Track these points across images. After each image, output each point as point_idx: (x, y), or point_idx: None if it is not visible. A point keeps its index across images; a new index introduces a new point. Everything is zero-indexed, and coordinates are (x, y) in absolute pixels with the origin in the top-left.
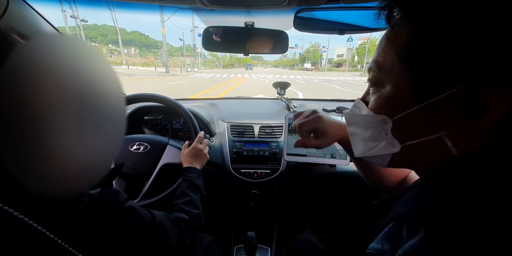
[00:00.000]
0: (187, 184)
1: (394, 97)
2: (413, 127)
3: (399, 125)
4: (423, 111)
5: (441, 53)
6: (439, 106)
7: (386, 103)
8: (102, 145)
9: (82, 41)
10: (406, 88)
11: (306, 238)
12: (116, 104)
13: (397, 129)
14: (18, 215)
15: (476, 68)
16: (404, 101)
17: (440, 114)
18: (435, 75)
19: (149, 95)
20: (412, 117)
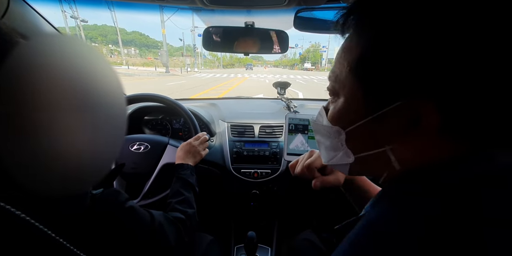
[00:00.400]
0: (181, 183)
1: (346, 109)
2: (364, 139)
3: (351, 137)
4: (371, 124)
5: (384, 67)
6: (385, 120)
7: (340, 115)
8: (103, 145)
9: (82, 41)
10: (356, 100)
11: (307, 238)
12: (116, 104)
13: (350, 141)
14: (20, 214)
15: (411, 83)
16: (355, 114)
17: (386, 128)
18: (381, 89)
19: (149, 95)
20: (362, 129)
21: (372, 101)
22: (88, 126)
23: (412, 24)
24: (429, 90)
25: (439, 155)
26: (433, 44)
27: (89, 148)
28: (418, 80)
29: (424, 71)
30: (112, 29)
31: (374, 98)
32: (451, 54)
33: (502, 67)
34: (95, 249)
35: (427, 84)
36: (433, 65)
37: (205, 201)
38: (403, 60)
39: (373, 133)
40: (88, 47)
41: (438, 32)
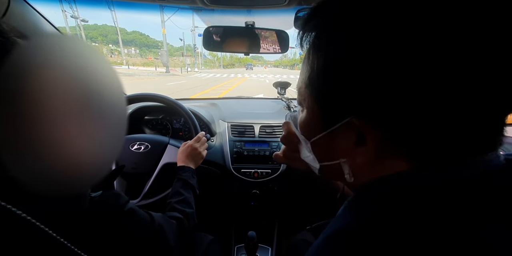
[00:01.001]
0: (181, 184)
1: (308, 121)
2: (324, 151)
3: (315, 147)
4: (328, 138)
5: (329, 86)
6: (338, 135)
7: (304, 126)
8: (103, 145)
9: (83, 41)
10: (315, 114)
11: (304, 238)
12: (117, 104)
13: (314, 150)
14: (21, 214)
15: (352, 102)
16: (315, 126)
17: (339, 142)
18: (330, 106)
19: (149, 95)
20: (322, 142)
21: (326, 116)
22: (88, 126)
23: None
24: (367, 110)
25: (386, 171)
26: (368, 72)
27: (89, 148)
28: (357, 100)
29: (361, 93)
30: (112, 29)
31: (327, 114)
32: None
33: (430, 96)
34: (95, 250)
35: (365, 104)
36: (368, 88)
37: (205, 201)
38: (343, 81)
39: (330, 146)
40: (89, 47)
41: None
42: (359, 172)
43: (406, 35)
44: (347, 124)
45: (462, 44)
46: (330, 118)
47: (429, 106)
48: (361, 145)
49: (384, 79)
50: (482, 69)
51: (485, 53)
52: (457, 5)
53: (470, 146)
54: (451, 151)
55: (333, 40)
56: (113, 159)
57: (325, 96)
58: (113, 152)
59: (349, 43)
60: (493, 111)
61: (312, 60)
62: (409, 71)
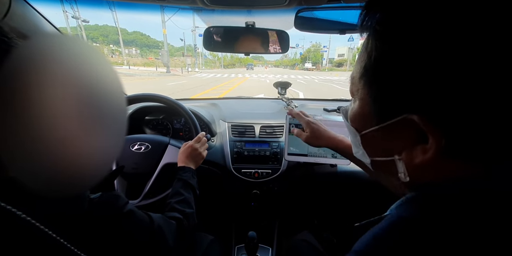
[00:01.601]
0: (181, 184)
1: (359, 113)
2: (375, 145)
3: (365, 141)
4: (381, 132)
5: (389, 78)
6: (393, 130)
7: (355, 117)
8: (103, 145)
9: (83, 41)
10: (367, 106)
11: (304, 238)
12: (117, 104)
13: (365, 144)
14: (21, 215)
15: (416, 98)
16: (368, 119)
17: (394, 138)
18: (387, 99)
19: (150, 95)
20: (374, 135)
21: (380, 109)
22: (88, 126)
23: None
24: (430, 107)
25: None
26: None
27: (89, 148)
28: (420, 96)
29: (426, 89)
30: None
31: (382, 107)
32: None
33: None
34: (94, 251)
35: (428, 101)
36: (434, 85)
37: (206, 201)
38: (404, 75)
39: (383, 141)
40: (89, 47)
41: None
42: (416, 172)
43: (493, 31)
44: (404, 120)
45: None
46: (384, 112)
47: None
48: (421, 143)
49: (455, 76)
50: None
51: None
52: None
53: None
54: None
55: (401, 27)
56: (113, 160)
57: (380, 89)
58: (113, 152)
59: (421, 33)
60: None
61: (370, 48)
62: (487, 68)
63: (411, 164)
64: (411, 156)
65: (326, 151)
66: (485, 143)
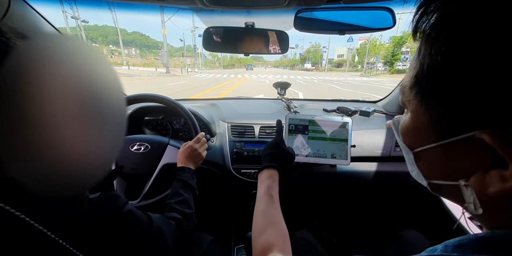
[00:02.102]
0: (180, 184)
1: (412, 127)
2: (434, 166)
3: (420, 160)
4: (441, 151)
5: (455, 88)
6: (458, 148)
7: (406, 132)
8: (103, 145)
9: (83, 41)
10: (421, 120)
11: (303, 236)
12: (116, 105)
13: (420, 163)
14: (20, 215)
15: (484, 111)
16: (422, 135)
17: (461, 159)
18: (450, 112)
19: (149, 96)
20: (431, 155)
21: (438, 124)
22: (87, 126)
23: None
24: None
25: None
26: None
27: (88, 149)
28: (490, 109)
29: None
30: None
31: (440, 121)
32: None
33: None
34: (93, 252)
35: (501, 116)
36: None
37: (205, 201)
38: (479, 84)
39: (444, 162)
40: (89, 47)
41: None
42: (491, 203)
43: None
44: (471, 139)
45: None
46: (445, 128)
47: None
48: (498, 167)
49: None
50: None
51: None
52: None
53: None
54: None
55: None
56: (113, 160)
57: (439, 101)
58: (112, 153)
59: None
60: None
61: (423, 54)
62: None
63: (484, 193)
64: (483, 183)
65: (325, 151)
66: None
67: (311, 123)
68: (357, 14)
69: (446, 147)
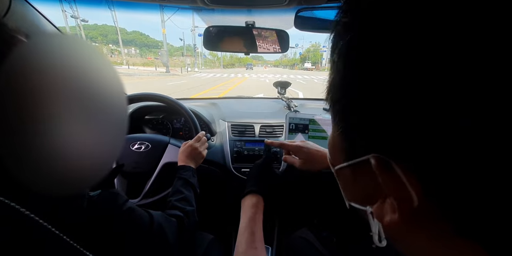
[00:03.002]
0: (181, 182)
1: (331, 143)
2: (348, 186)
3: (339, 179)
4: (351, 172)
5: (351, 109)
6: (361, 172)
7: (329, 147)
8: (104, 144)
9: (83, 40)
10: (335, 137)
11: (303, 236)
12: (117, 104)
13: (340, 182)
14: (25, 211)
15: (384, 136)
16: (337, 152)
17: (365, 183)
18: (350, 129)
19: (150, 95)
20: (344, 174)
21: (347, 142)
22: (89, 125)
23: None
24: (395, 147)
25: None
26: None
27: (89, 148)
28: (382, 131)
29: (385, 122)
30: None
31: (348, 139)
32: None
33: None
34: (94, 249)
35: (394, 138)
36: (397, 117)
37: (206, 200)
38: (361, 99)
39: (354, 184)
40: (89, 46)
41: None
42: (394, 237)
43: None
44: (370, 162)
45: None
46: (349, 148)
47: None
48: (395, 198)
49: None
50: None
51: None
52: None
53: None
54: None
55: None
56: (114, 159)
57: (340, 115)
58: (113, 152)
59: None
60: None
61: (330, 73)
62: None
63: (385, 225)
64: (381, 212)
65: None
66: (470, 212)
67: (311, 122)
68: None
69: (353, 169)
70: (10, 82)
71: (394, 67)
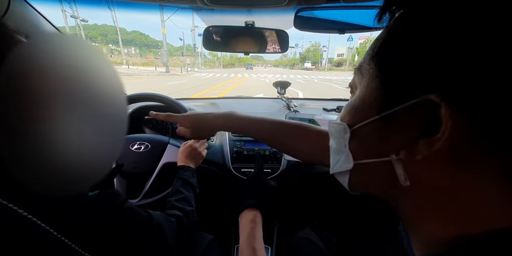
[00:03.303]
0: (181, 182)
1: (358, 103)
2: (368, 142)
3: (356, 137)
4: (381, 124)
5: (403, 50)
6: (397, 120)
7: (351, 109)
8: (104, 144)
9: (83, 40)
10: (371, 92)
11: (306, 236)
12: (117, 104)
13: (354, 142)
14: (22, 213)
15: (434, 75)
16: (367, 109)
17: (397, 131)
18: (398, 79)
19: (149, 95)
20: (370, 130)
21: (387, 94)
22: (88, 125)
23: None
24: (456, 89)
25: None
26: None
27: (89, 148)
28: (443, 72)
29: (452, 63)
30: (112, 28)
31: (390, 91)
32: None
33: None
34: (93, 249)
35: (454, 81)
36: (466, 58)
37: (205, 200)
38: (428, 46)
39: (380, 135)
40: (89, 46)
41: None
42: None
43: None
44: (414, 107)
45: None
46: (392, 98)
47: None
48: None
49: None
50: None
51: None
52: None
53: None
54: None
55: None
56: (114, 159)
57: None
58: (113, 152)
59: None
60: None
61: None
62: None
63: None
64: (411, 154)
65: None
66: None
67: (311, 122)
68: (357, 13)
69: (385, 120)
70: (10, 82)
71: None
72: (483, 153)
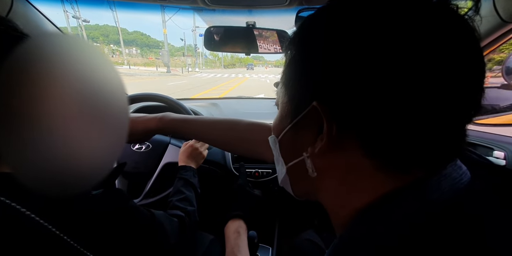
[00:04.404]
0: (182, 182)
1: (279, 117)
2: (290, 147)
3: (282, 145)
4: (294, 130)
5: (297, 74)
6: (303, 125)
7: (275, 123)
8: (105, 144)
9: (85, 41)
10: (284, 107)
11: (309, 238)
12: (119, 104)
13: (282, 149)
14: (25, 212)
15: (315, 87)
16: (284, 120)
17: (305, 134)
18: (297, 94)
19: (151, 95)
20: (288, 136)
21: (294, 106)
22: (90, 125)
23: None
24: (327, 95)
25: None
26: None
27: (91, 148)
28: (320, 84)
29: (324, 76)
30: (113, 29)
31: (294, 103)
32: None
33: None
34: (95, 248)
35: (327, 90)
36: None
37: (206, 200)
38: (308, 68)
39: (296, 140)
40: (91, 46)
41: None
42: (321, 169)
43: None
44: (309, 113)
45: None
46: (297, 109)
47: (392, 106)
48: (321, 133)
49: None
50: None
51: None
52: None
53: (432, 155)
54: (412, 159)
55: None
56: (115, 159)
57: (293, 84)
58: (115, 152)
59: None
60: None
61: (288, 57)
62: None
63: (314, 157)
64: (313, 150)
65: None
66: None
67: None
68: None
69: (296, 126)
70: (12, 82)
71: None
72: (350, 140)
